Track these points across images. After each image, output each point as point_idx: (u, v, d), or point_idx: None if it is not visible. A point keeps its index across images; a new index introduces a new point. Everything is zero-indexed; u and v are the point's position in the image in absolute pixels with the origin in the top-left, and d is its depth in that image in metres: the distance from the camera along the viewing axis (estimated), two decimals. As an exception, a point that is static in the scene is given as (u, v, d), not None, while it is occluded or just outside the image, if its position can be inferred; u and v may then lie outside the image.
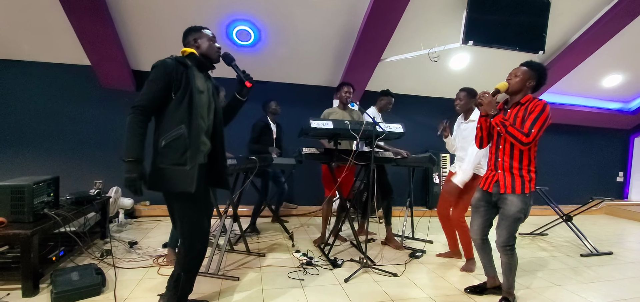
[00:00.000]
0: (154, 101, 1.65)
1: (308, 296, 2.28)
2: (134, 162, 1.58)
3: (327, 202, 3.41)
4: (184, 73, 1.69)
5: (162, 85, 1.64)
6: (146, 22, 3.75)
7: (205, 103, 1.81)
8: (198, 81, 1.77)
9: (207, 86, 1.85)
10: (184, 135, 1.66)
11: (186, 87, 1.68)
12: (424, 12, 3.91)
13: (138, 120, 1.60)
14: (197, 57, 1.82)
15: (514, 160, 2.06)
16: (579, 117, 5.96)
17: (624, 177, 6.66)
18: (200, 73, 1.83)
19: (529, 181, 2.04)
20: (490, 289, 2.38)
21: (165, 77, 1.65)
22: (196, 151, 1.68)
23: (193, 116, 1.68)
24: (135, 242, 3.18)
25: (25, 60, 4.16)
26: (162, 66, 1.66)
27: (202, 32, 1.86)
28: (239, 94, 1.98)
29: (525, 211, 2.04)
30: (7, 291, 2.12)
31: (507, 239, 2.07)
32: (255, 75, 4.95)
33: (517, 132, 1.95)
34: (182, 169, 1.65)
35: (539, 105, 1.98)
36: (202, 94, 1.78)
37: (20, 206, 2.21)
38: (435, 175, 5.31)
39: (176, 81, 1.66)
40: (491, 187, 2.15)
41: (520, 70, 2.08)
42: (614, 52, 4.70)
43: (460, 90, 2.88)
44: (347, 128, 2.68)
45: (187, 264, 1.79)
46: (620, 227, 5.02)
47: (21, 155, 4.19)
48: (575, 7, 4.08)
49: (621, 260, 3.34)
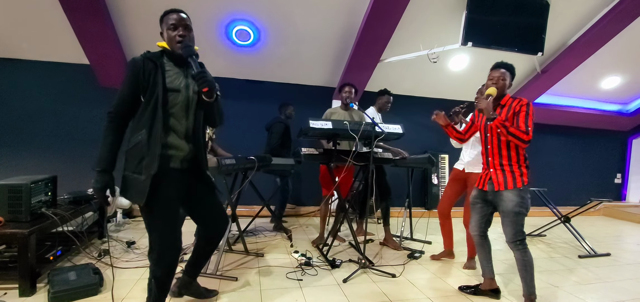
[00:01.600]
0: (123, 105, 1.56)
1: (306, 296, 2.27)
2: (101, 172, 1.52)
3: (325, 202, 3.40)
4: (152, 72, 1.56)
5: (130, 87, 1.55)
6: (145, 20, 3.74)
7: (180, 102, 1.64)
8: (170, 78, 1.62)
9: (186, 83, 1.66)
10: (142, 142, 1.53)
11: (153, 89, 1.55)
12: (423, 13, 3.91)
13: (109, 127, 1.55)
14: (169, 51, 1.66)
15: (503, 158, 2.14)
16: (578, 119, 5.98)
17: (622, 178, 6.68)
18: (177, 68, 1.67)
19: (521, 175, 2.09)
20: (485, 292, 2.34)
21: (133, 78, 1.54)
22: (153, 160, 1.52)
23: (155, 121, 1.54)
24: (133, 242, 3.17)
25: (24, 59, 4.14)
26: (130, 66, 1.56)
27: (163, 19, 1.67)
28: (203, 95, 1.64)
29: (522, 204, 2.05)
30: (4, 291, 2.11)
31: (514, 235, 2.07)
32: (255, 75, 4.94)
33: (518, 132, 2.01)
34: (137, 178, 1.54)
35: (523, 104, 2.09)
36: (175, 93, 1.62)
37: (17, 205, 2.19)
38: (434, 176, 5.31)
39: (144, 82, 1.55)
40: (485, 185, 2.22)
41: (500, 73, 2.17)
42: (613, 53, 4.72)
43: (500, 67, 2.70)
44: (346, 128, 2.68)
45: (157, 273, 1.65)
46: (618, 228, 5.03)
47: (19, 154, 4.17)
48: (575, 9, 4.09)
49: (619, 261, 3.35)
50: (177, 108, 1.64)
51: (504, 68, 2.18)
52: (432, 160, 3.55)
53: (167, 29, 1.65)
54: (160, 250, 1.62)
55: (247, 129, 4.00)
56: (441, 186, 5.33)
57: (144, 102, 1.56)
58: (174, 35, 1.64)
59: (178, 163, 1.66)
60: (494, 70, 2.21)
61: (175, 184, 1.65)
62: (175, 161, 1.65)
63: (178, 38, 1.63)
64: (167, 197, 1.61)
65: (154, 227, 1.62)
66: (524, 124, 2.02)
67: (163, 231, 1.62)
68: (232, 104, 4.28)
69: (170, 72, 1.64)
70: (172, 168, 1.64)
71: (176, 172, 1.65)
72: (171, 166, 1.63)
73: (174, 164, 1.64)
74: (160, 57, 1.64)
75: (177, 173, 1.66)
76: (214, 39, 4.04)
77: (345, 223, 3.39)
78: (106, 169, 1.53)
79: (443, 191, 3.20)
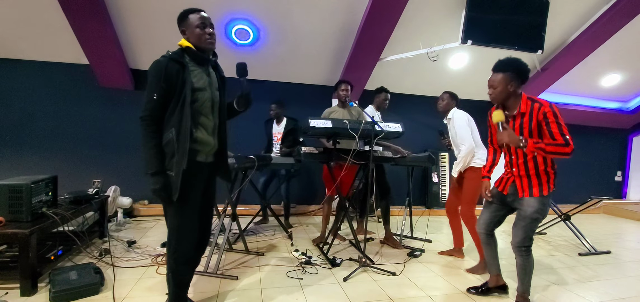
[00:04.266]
0: (157, 109, 1.59)
1: (307, 295, 2.28)
2: (155, 174, 1.57)
3: (327, 201, 3.41)
4: (179, 72, 1.60)
5: (159, 89, 1.57)
6: (145, 21, 3.74)
7: (207, 100, 1.72)
8: (196, 78, 1.67)
9: (209, 81, 1.74)
10: (172, 140, 1.59)
11: (181, 88, 1.60)
12: (422, 12, 3.91)
13: (147, 132, 1.58)
14: (193, 51, 1.70)
15: (530, 168, 1.99)
16: (578, 117, 5.97)
17: (623, 176, 6.68)
18: (199, 67, 1.71)
19: (548, 181, 1.97)
20: (493, 289, 2.32)
21: (159, 80, 1.57)
22: (183, 156, 1.58)
23: (183, 119, 1.59)
24: (134, 241, 3.18)
25: (23, 59, 4.14)
26: (155, 68, 1.59)
27: (188, 19, 1.70)
28: (237, 105, 1.92)
29: (542, 211, 1.96)
30: (6, 290, 2.12)
31: (523, 240, 2.00)
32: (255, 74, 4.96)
33: (558, 148, 1.83)
34: (169, 175, 1.61)
35: (547, 110, 1.87)
36: (202, 91, 1.69)
37: (18, 205, 2.20)
38: (434, 174, 5.31)
39: (171, 82, 1.58)
40: (507, 188, 2.11)
41: (495, 80, 1.98)
42: (613, 51, 4.71)
43: (444, 92, 3.13)
44: (346, 127, 2.68)
45: (175, 268, 1.71)
46: (619, 226, 5.03)
47: (19, 154, 4.18)
48: (574, 7, 4.09)
49: (619, 259, 3.35)
50: (205, 106, 1.71)
51: (505, 71, 1.95)
52: (432, 158, 3.55)
53: (196, 28, 1.69)
54: (181, 245, 1.69)
55: (247, 128, 4.00)
56: (441, 185, 5.33)
57: (172, 102, 1.60)
58: (203, 34, 1.70)
59: (204, 157, 1.75)
60: (493, 75, 2.00)
61: (201, 177, 1.74)
62: (202, 155, 1.74)
63: (208, 37, 1.71)
64: (194, 192, 1.69)
65: (178, 222, 1.68)
66: (560, 136, 1.83)
67: (186, 226, 1.69)
68: (232, 104, 4.29)
69: (194, 71, 1.68)
70: (199, 162, 1.71)
71: (202, 165, 1.75)
72: (198, 160, 1.71)
73: (200, 158, 1.73)
74: (183, 57, 1.67)
75: (203, 166, 1.75)
76: (213, 39, 4.03)
77: (345, 222, 3.39)
78: (160, 170, 1.59)
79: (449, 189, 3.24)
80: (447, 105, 3.09)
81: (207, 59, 1.75)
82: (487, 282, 2.36)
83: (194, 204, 1.71)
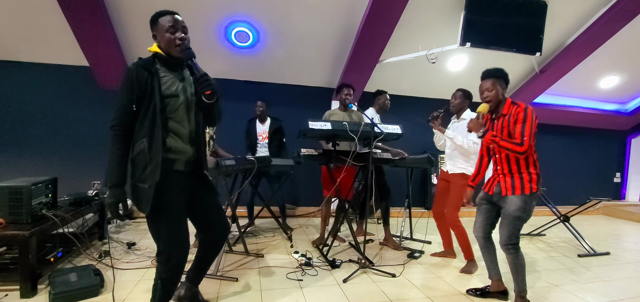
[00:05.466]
0: (126, 116, 1.53)
1: (306, 296, 2.28)
2: (113, 187, 1.50)
3: (326, 202, 3.41)
4: (148, 80, 1.54)
5: (128, 97, 1.52)
6: (144, 22, 3.69)
7: (181, 106, 1.64)
8: (167, 85, 1.60)
9: (183, 87, 1.65)
10: (144, 150, 1.52)
11: (151, 97, 1.53)
12: (422, 14, 3.93)
13: (114, 141, 1.53)
14: (162, 56, 1.63)
15: (512, 165, 2.11)
16: (577, 119, 5.99)
17: (621, 177, 6.69)
18: (171, 73, 1.64)
19: (529, 181, 2.05)
20: (494, 294, 2.33)
21: (129, 87, 1.52)
22: (156, 167, 1.51)
23: (155, 129, 1.52)
24: (134, 243, 3.18)
25: (23, 61, 4.15)
26: (126, 75, 1.53)
27: (158, 22, 1.62)
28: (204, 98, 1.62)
29: (524, 210, 2.03)
30: (5, 292, 2.12)
31: (508, 238, 2.07)
32: (254, 76, 4.95)
33: (511, 144, 2.00)
34: (141, 187, 1.54)
35: (520, 111, 2.04)
36: (174, 98, 1.61)
37: (18, 207, 2.20)
38: (434, 176, 5.32)
39: (140, 90, 1.52)
40: (492, 189, 2.21)
41: (488, 84, 2.16)
42: (611, 53, 4.73)
43: (457, 90, 2.99)
44: (345, 129, 2.69)
45: (164, 274, 1.65)
46: (618, 227, 5.04)
47: (19, 156, 4.18)
48: (572, 9, 4.11)
49: (618, 260, 3.36)
50: (179, 113, 1.63)
51: (492, 77, 2.15)
52: (432, 160, 3.56)
53: (166, 32, 1.60)
54: (168, 252, 1.61)
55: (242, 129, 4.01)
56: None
57: (142, 111, 1.55)
58: (173, 39, 1.60)
59: (182, 166, 1.67)
60: (483, 81, 2.20)
61: (179, 187, 1.65)
62: (179, 164, 1.66)
63: (178, 41, 1.60)
64: (172, 201, 1.61)
65: (161, 232, 1.61)
66: (519, 135, 1.99)
67: (170, 234, 1.61)
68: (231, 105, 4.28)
69: (165, 77, 1.62)
70: (176, 170, 1.64)
71: (180, 175, 1.66)
72: (175, 169, 1.64)
73: (178, 167, 1.65)
74: (153, 64, 1.61)
75: (181, 175, 1.66)
76: (213, 41, 4.05)
77: (345, 223, 3.40)
78: (118, 184, 1.52)
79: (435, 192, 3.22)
80: (461, 104, 2.93)
81: (179, 63, 1.67)
82: (488, 287, 2.38)
83: (174, 213, 1.63)
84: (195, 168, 1.75)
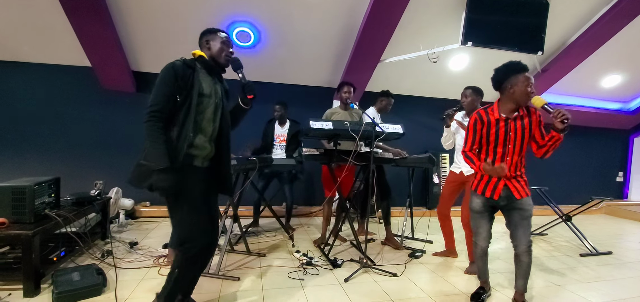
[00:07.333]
0: (168, 104, 1.64)
1: (308, 295, 2.28)
2: (164, 171, 1.56)
3: (328, 202, 3.42)
4: (190, 76, 1.70)
5: (172, 87, 1.65)
6: (147, 23, 3.76)
7: (210, 107, 1.79)
8: (204, 85, 1.76)
9: (215, 90, 1.83)
10: (172, 138, 1.64)
11: (189, 91, 1.68)
12: (423, 13, 3.92)
13: (157, 126, 1.60)
14: (205, 60, 1.82)
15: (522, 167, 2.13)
16: (579, 118, 5.96)
17: (624, 177, 6.66)
18: (209, 76, 1.82)
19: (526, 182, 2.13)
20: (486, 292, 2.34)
21: (173, 79, 1.65)
22: (178, 154, 1.64)
23: (187, 121, 1.66)
24: (136, 242, 3.19)
25: (26, 62, 4.17)
26: (171, 68, 1.67)
27: (217, 34, 1.86)
28: (242, 102, 1.96)
29: None
30: (9, 292, 2.13)
31: (529, 240, 2.05)
32: (255, 77, 4.96)
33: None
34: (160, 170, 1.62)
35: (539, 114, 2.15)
36: (207, 98, 1.77)
37: (21, 206, 2.22)
38: (435, 175, 5.31)
39: (182, 84, 1.67)
40: (497, 194, 2.09)
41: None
42: (613, 52, 4.71)
43: (466, 87, 2.88)
44: (346, 129, 2.69)
45: (182, 264, 1.73)
46: (620, 227, 5.02)
47: (22, 156, 4.20)
48: (574, 8, 4.10)
49: (621, 260, 3.35)
50: (208, 112, 1.78)
51: None
52: (433, 159, 3.56)
53: (221, 43, 1.84)
54: (192, 236, 1.69)
55: (248, 130, 4.00)
56: (442, 186, 5.33)
57: (179, 103, 1.66)
58: (226, 50, 1.86)
59: (200, 162, 1.78)
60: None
61: (199, 179, 1.77)
62: (198, 159, 1.76)
63: (229, 54, 1.88)
64: (193, 191, 1.71)
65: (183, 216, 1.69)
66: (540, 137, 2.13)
67: (193, 218, 1.70)
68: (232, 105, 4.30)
69: (204, 78, 1.78)
70: (196, 166, 1.75)
71: (200, 171, 1.78)
72: (195, 165, 1.74)
73: (197, 163, 1.76)
74: (195, 64, 1.78)
75: (200, 171, 1.78)
76: (214, 41, 4.05)
77: (346, 223, 3.40)
78: (170, 167, 1.58)
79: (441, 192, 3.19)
80: (472, 102, 2.80)
81: (216, 69, 1.87)
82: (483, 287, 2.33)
83: (197, 201, 1.73)
84: (213, 165, 1.87)
